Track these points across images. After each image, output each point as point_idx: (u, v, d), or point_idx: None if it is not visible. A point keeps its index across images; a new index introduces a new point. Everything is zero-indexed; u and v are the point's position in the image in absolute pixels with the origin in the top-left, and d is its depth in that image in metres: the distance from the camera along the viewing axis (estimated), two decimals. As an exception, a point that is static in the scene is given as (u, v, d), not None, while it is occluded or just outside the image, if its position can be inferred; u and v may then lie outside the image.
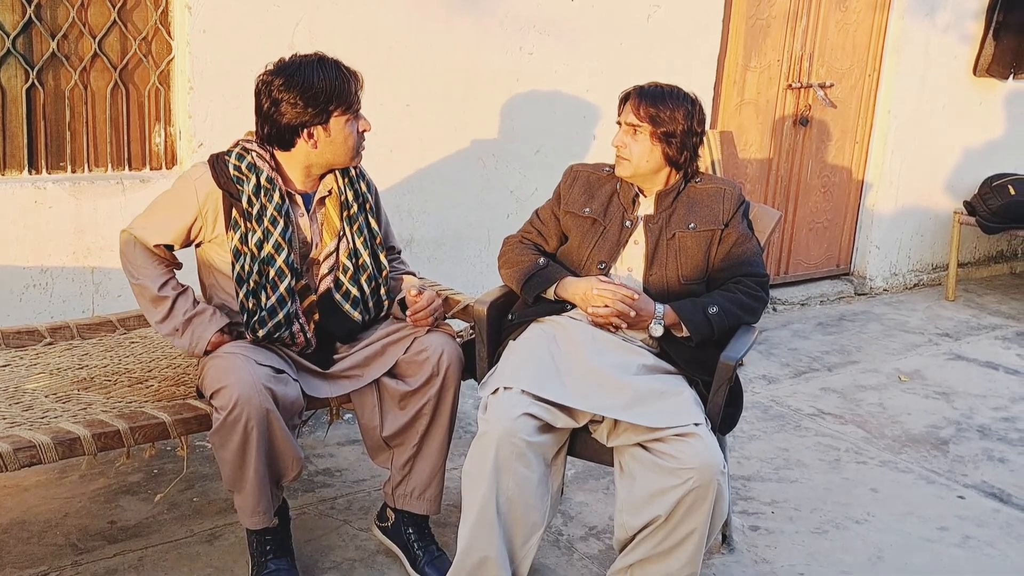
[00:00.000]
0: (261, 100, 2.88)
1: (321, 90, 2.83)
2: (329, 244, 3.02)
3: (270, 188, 2.88)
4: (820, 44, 6.00)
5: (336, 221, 3.02)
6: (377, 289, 3.11)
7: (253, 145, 2.94)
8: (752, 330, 3.06)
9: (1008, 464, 4.17)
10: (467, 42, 4.57)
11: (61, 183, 3.74)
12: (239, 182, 2.87)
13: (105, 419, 2.76)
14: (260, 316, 2.89)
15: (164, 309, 2.92)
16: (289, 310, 2.92)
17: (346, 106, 2.88)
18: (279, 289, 2.90)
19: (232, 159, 2.90)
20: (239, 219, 2.88)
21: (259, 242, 2.87)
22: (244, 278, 2.89)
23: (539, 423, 2.79)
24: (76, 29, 3.73)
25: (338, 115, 2.87)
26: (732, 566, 3.28)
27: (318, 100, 2.83)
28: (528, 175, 4.91)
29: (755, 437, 4.28)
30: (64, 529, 3.26)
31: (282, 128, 2.87)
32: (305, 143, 2.89)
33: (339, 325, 3.06)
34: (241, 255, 2.88)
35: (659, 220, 3.10)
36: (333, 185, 3.01)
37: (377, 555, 3.22)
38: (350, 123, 2.91)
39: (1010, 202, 6.35)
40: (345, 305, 3.04)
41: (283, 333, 2.92)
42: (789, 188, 6.16)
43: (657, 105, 3.03)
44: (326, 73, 2.85)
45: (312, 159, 2.94)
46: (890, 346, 5.62)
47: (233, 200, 2.88)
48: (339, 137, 2.90)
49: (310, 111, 2.84)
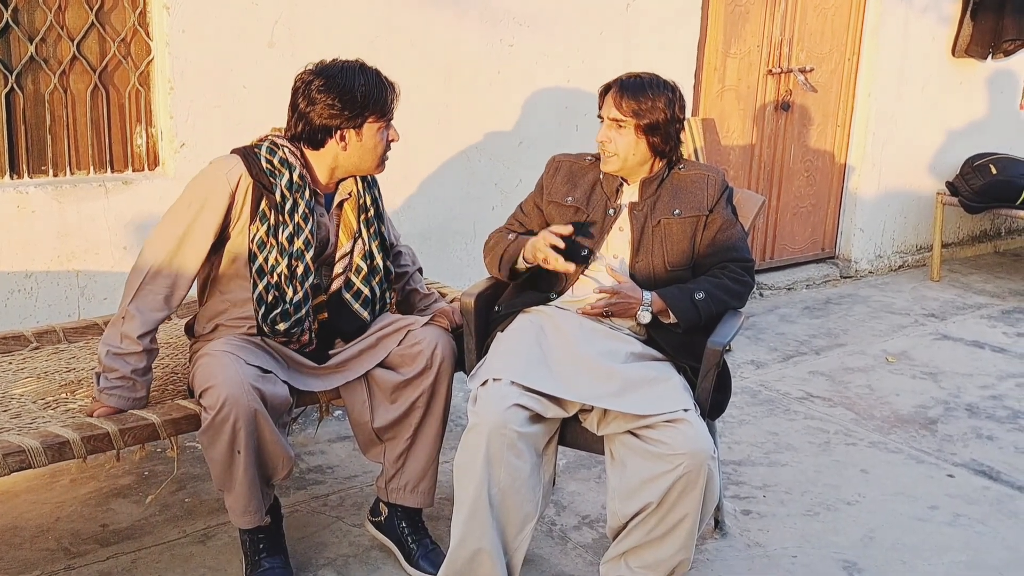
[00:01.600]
0: (298, 98, 2.90)
1: (360, 95, 2.86)
2: (345, 245, 3.04)
3: (301, 184, 2.91)
4: (799, 29, 6.01)
5: (353, 223, 3.06)
6: (384, 292, 3.16)
7: (283, 141, 2.95)
8: (739, 315, 3.08)
9: (996, 442, 4.20)
10: (448, 35, 4.56)
11: (43, 187, 3.73)
12: (272, 175, 2.89)
13: (94, 421, 2.75)
14: (283, 310, 2.91)
15: (127, 348, 2.84)
16: (308, 307, 2.94)
17: (381, 113, 2.92)
18: (305, 285, 2.92)
19: (264, 152, 2.92)
20: (268, 211, 2.89)
21: (290, 236, 2.89)
22: (266, 271, 2.90)
23: (529, 414, 2.79)
24: (54, 32, 3.71)
25: (372, 121, 2.91)
26: (725, 550, 3.30)
27: (355, 104, 2.86)
28: (512, 167, 4.91)
29: (745, 422, 4.29)
30: (56, 533, 3.26)
31: (316, 128, 2.89)
32: (336, 145, 2.92)
33: (347, 324, 3.08)
34: (266, 247, 2.89)
35: (644, 207, 3.10)
36: (353, 188, 3.05)
37: (371, 550, 3.23)
38: (382, 131, 2.94)
39: (992, 181, 6.37)
40: (355, 304, 3.07)
41: (299, 328, 2.95)
42: (772, 173, 6.18)
43: (638, 97, 3.03)
44: (366, 80, 2.89)
45: (339, 161, 2.96)
46: (877, 328, 5.65)
47: (265, 192, 2.89)
48: (370, 143, 2.93)
49: (346, 114, 2.87)
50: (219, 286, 3.01)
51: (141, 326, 2.85)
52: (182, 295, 2.91)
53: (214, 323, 3.00)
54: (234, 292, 2.97)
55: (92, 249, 3.82)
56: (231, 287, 2.97)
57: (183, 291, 2.91)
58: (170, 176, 3.94)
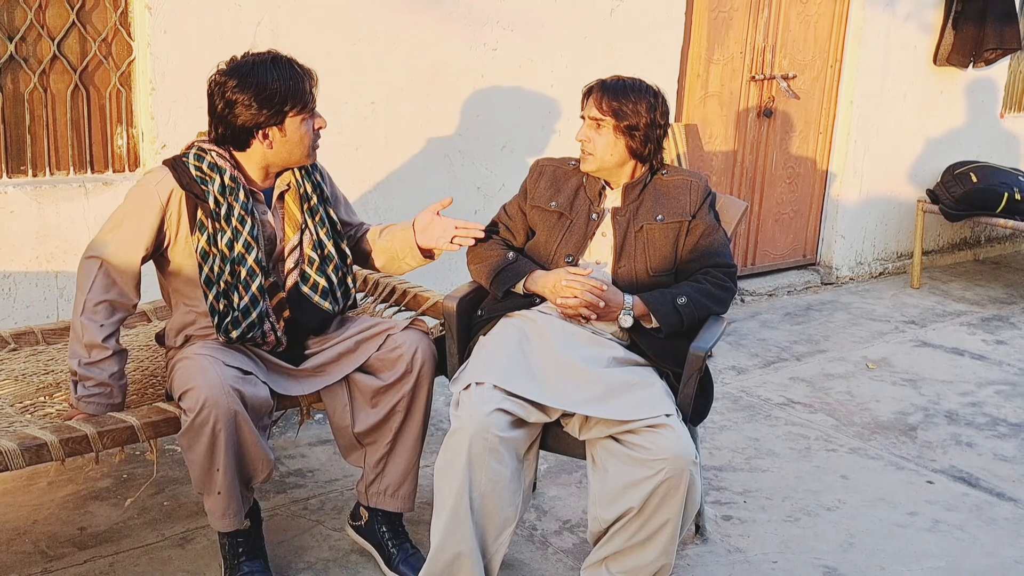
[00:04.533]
0: (215, 101, 2.85)
1: (276, 91, 2.80)
2: (292, 238, 3.00)
3: (234, 187, 2.86)
4: (782, 36, 6.03)
5: (297, 214, 3.00)
6: (344, 278, 3.09)
7: (210, 145, 2.91)
8: (721, 321, 3.08)
9: (976, 448, 4.21)
10: (431, 38, 4.56)
11: (22, 187, 3.70)
12: (203, 182, 2.84)
13: (73, 424, 2.73)
14: (233, 317, 2.87)
15: (97, 356, 2.81)
16: (261, 309, 2.90)
17: (301, 106, 2.85)
18: (251, 288, 2.87)
19: (191, 160, 2.87)
20: (205, 220, 2.84)
21: (229, 242, 2.84)
22: (214, 280, 2.85)
23: (511, 418, 2.79)
24: (34, 31, 3.69)
25: (293, 115, 2.84)
26: (706, 556, 3.30)
27: (273, 101, 2.80)
28: (494, 171, 4.91)
29: (726, 428, 4.29)
30: (33, 536, 3.23)
31: (237, 129, 2.84)
32: (260, 143, 2.87)
33: (311, 318, 3.04)
34: (210, 257, 2.85)
35: (627, 212, 3.10)
36: (291, 179, 2.99)
37: (351, 554, 3.21)
38: (305, 122, 2.88)
39: (973, 189, 6.40)
40: (315, 297, 3.02)
41: (255, 333, 2.90)
42: (754, 180, 6.19)
43: (620, 99, 3.04)
44: (280, 73, 2.81)
45: (269, 159, 2.91)
46: (857, 334, 5.66)
47: (199, 201, 2.84)
48: (295, 137, 2.87)
49: (265, 112, 2.80)
50: (183, 298, 2.97)
51: (101, 332, 2.81)
52: (131, 298, 2.87)
53: (184, 334, 2.97)
54: (197, 302, 2.93)
55: (71, 250, 3.79)
56: (193, 298, 2.93)
57: (130, 293, 2.86)
58: (151, 177, 3.92)
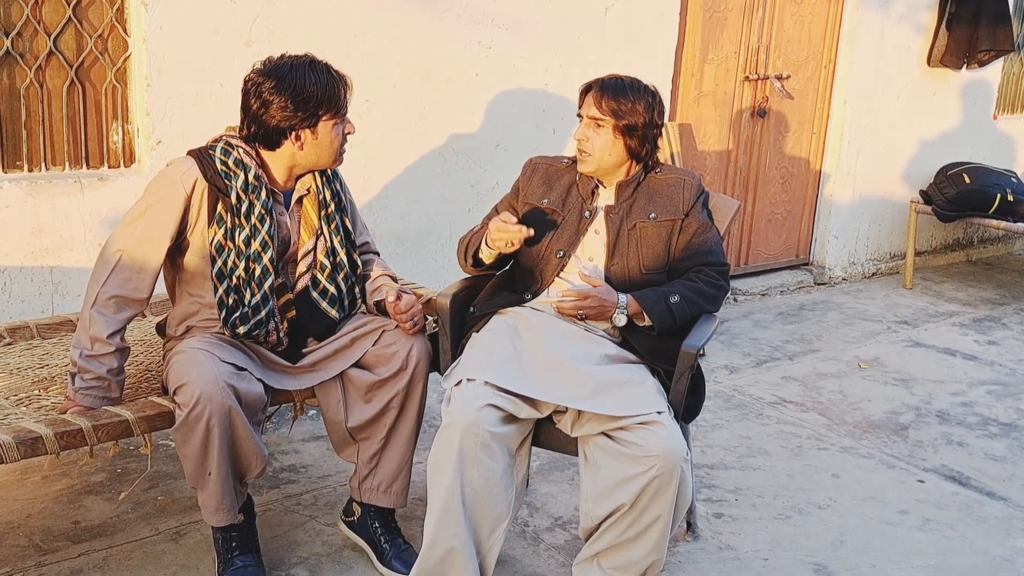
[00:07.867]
0: (250, 100, 2.88)
1: (312, 95, 2.84)
2: (307, 242, 3.03)
3: (257, 185, 2.89)
4: (776, 36, 6.05)
5: (314, 220, 3.03)
6: (353, 287, 3.13)
7: (238, 141, 2.93)
8: (713, 319, 3.09)
9: (967, 448, 4.23)
10: (426, 37, 4.57)
11: (18, 182, 3.70)
12: (227, 177, 2.87)
13: (68, 418, 2.74)
14: (242, 313, 2.89)
15: (99, 350, 2.83)
16: (269, 308, 2.93)
17: (335, 111, 2.90)
18: (263, 287, 2.91)
19: (218, 154, 2.90)
20: (224, 214, 2.87)
21: (247, 239, 2.87)
22: (226, 274, 2.88)
23: (503, 414, 2.80)
24: (30, 27, 3.69)
25: (327, 119, 2.89)
26: (697, 553, 3.31)
27: (309, 104, 2.84)
28: (488, 169, 4.92)
29: (718, 426, 4.31)
30: (27, 530, 3.24)
31: (270, 129, 2.87)
32: (291, 144, 2.90)
33: (317, 323, 3.07)
34: (224, 251, 2.88)
35: (620, 210, 3.12)
36: (312, 184, 3.03)
37: (344, 550, 3.22)
38: (337, 127, 2.93)
39: (965, 191, 6.42)
40: (323, 303, 3.05)
41: (261, 331, 2.93)
42: (748, 180, 6.21)
43: (618, 98, 3.05)
44: (317, 77, 2.86)
45: (296, 160, 2.95)
46: (850, 334, 5.68)
47: (220, 195, 2.87)
48: (325, 140, 2.92)
49: (300, 115, 2.85)
50: (188, 288, 2.99)
51: (108, 327, 2.83)
52: (144, 295, 2.89)
53: (185, 324, 2.99)
54: (203, 294, 2.95)
55: (66, 245, 3.80)
56: (200, 289, 2.96)
57: (145, 291, 2.88)
58: (146, 173, 3.92)
